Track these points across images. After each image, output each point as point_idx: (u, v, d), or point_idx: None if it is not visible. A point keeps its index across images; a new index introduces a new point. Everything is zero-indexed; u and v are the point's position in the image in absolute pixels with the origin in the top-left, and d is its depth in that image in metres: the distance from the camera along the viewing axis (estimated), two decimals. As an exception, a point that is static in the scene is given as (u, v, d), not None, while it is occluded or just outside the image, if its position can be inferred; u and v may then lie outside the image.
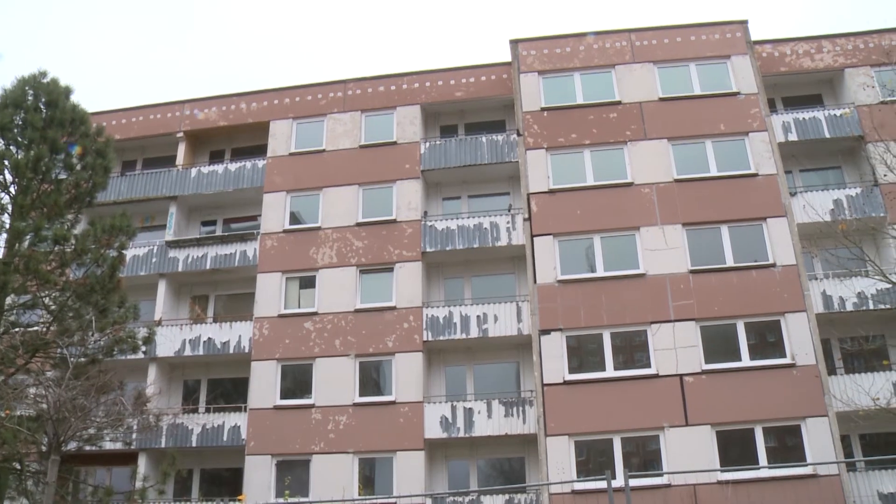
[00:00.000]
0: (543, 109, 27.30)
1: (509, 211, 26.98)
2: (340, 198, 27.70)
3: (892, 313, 24.28)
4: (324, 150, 28.66)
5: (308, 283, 26.89)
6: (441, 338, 25.24)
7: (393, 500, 23.08)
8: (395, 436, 24.14)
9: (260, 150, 29.57)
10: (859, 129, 26.43)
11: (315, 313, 26.18)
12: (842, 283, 24.07)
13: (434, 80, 29.30)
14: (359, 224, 27.20)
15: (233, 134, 30.72)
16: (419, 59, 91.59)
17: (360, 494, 23.36)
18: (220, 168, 29.44)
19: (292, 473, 23.94)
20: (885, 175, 21.90)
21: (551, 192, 25.96)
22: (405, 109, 28.80)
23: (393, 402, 24.60)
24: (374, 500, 22.47)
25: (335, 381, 25.09)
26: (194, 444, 25.33)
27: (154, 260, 28.11)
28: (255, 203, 28.70)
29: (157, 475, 22.69)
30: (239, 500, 22.71)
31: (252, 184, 28.68)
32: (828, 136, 26.79)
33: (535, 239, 25.32)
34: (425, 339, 25.20)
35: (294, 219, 27.96)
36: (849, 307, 24.22)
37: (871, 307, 23.98)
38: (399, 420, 24.32)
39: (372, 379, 25.51)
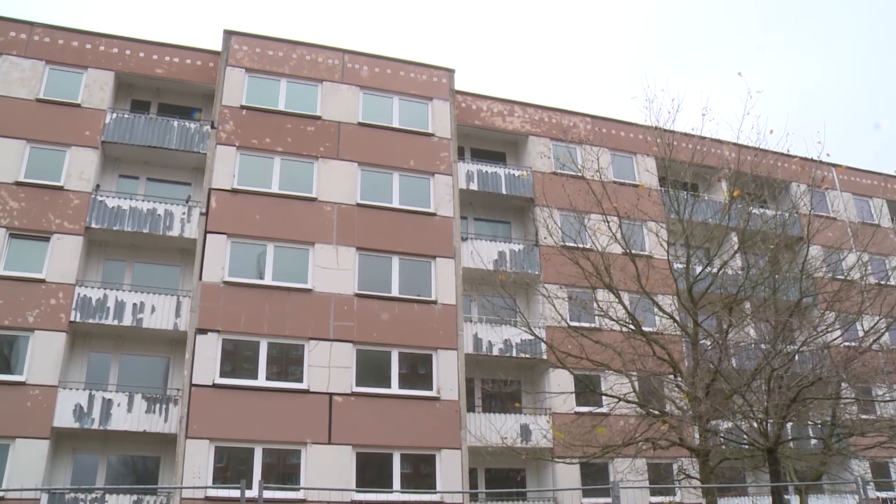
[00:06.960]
0: (243, 107, 26.68)
1: (187, 202, 25.91)
2: (2, 150, 24.79)
3: (531, 362, 26.68)
4: (-7, 95, 25.63)
5: (-57, 237, 23.71)
6: (91, 321, 23.36)
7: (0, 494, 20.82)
8: (19, 421, 21.65)
9: None
10: (532, 192, 28.85)
11: (-55, 273, 23.11)
12: (493, 328, 26.13)
13: (135, 49, 27.44)
14: (18, 183, 24.38)
15: None
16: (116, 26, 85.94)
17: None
18: None
19: None
20: (545, 238, 24.01)
21: (234, 191, 25.33)
22: (97, 73, 26.59)
23: (22, 383, 22.17)
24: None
25: (-45, 353, 22.27)
26: None
27: None
28: None
29: None
30: None
31: None
32: (504, 192, 29.05)
33: (208, 235, 24.47)
34: (73, 319, 23.18)
35: (-61, 163, 24.55)
36: (495, 352, 26.22)
37: (514, 354, 26.22)
38: (27, 404, 21.95)
39: (2, 355, 23.07)
